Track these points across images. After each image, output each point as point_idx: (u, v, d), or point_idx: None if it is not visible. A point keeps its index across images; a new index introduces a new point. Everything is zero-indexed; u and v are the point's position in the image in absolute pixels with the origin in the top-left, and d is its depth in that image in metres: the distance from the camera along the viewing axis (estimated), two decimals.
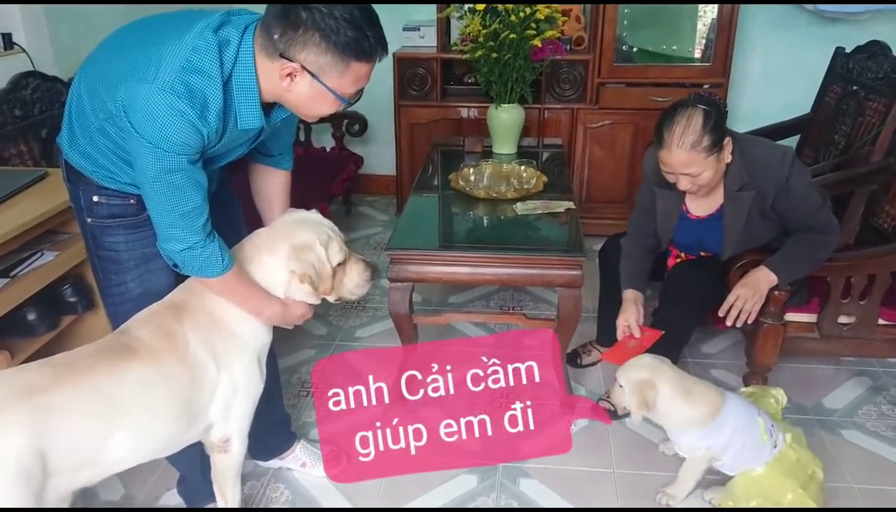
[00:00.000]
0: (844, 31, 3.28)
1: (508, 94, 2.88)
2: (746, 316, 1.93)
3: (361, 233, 3.69)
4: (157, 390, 1.36)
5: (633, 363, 1.79)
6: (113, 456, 1.31)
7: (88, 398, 1.26)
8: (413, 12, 3.64)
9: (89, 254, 1.57)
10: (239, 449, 1.57)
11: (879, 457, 2.05)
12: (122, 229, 1.48)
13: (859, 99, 2.68)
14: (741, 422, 1.73)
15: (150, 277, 1.54)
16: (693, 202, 2.06)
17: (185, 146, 1.27)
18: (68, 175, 1.49)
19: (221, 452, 1.57)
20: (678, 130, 1.80)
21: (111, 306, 1.59)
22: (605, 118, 3.41)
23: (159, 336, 1.40)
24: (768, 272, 1.91)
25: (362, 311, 2.88)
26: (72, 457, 1.24)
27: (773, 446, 1.73)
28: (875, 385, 2.39)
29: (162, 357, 1.37)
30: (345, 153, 3.80)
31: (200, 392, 1.44)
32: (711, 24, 3.27)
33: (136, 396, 1.33)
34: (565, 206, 2.36)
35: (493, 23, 2.74)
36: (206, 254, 1.38)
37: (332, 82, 1.29)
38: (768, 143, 2.01)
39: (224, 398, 1.48)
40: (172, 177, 1.28)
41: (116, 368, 1.31)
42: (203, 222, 1.37)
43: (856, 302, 2.03)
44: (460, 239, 2.36)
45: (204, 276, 1.42)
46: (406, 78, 3.51)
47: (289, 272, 1.49)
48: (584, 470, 2.00)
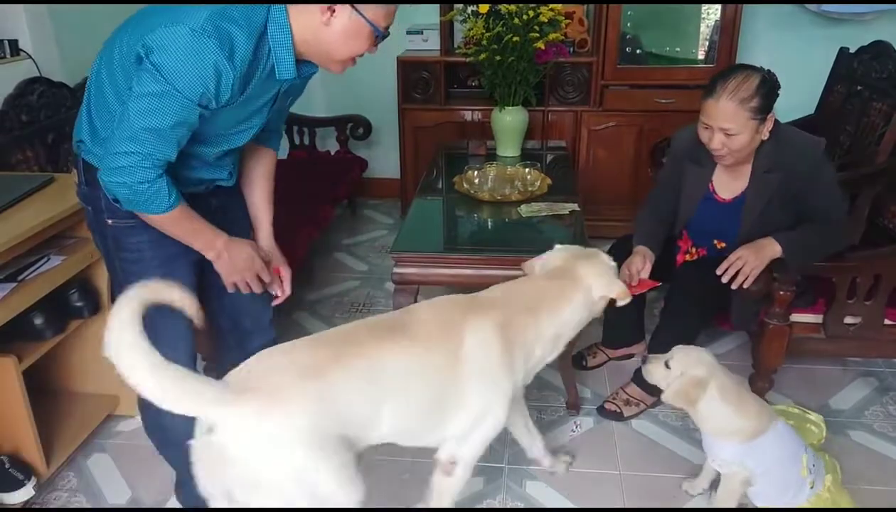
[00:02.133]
0: (848, 32, 3.28)
1: (512, 97, 2.89)
2: (743, 278, 1.89)
3: (366, 236, 3.69)
4: (419, 377, 1.38)
5: (693, 355, 1.69)
6: (376, 435, 1.36)
7: (360, 378, 1.31)
8: (416, 16, 3.65)
9: (109, 259, 1.56)
10: (462, 476, 1.56)
11: (887, 458, 2.05)
12: (144, 229, 1.46)
13: (864, 99, 2.68)
14: (786, 453, 1.66)
15: (175, 276, 1.48)
16: (720, 181, 2.05)
17: (200, 90, 1.26)
18: (86, 177, 1.47)
19: (445, 474, 1.55)
20: (733, 84, 1.82)
21: None
22: (608, 120, 3.41)
23: (439, 324, 1.43)
24: (774, 243, 1.90)
25: (367, 313, 2.88)
26: (346, 433, 1.30)
27: (810, 486, 1.65)
28: (882, 386, 2.38)
29: (432, 346, 1.40)
30: (349, 157, 3.82)
31: (453, 395, 1.43)
32: (715, 26, 3.27)
33: (398, 379, 1.36)
34: (569, 209, 2.37)
35: (496, 26, 2.74)
36: (153, 189, 1.33)
37: (369, 13, 1.34)
38: (803, 132, 2.02)
39: (470, 418, 1.46)
40: (162, 101, 1.26)
41: (385, 349, 1.36)
42: (165, 161, 1.33)
43: (861, 302, 2.02)
44: (465, 241, 2.36)
45: (150, 212, 1.37)
46: (410, 81, 3.52)
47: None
48: (590, 472, 2.00)
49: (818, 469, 1.69)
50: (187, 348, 1.60)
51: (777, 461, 1.65)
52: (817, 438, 1.85)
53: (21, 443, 1.86)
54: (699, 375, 1.65)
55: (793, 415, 1.90)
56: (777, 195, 1.94)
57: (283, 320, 2.83)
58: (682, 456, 2.05)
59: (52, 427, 2.02)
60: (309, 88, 1.69)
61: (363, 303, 2.97)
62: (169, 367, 1.13)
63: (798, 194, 1.93)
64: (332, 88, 3.95)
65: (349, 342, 1.36)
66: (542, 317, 1.53)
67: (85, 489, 1.97)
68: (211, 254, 1.50)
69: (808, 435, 1.83)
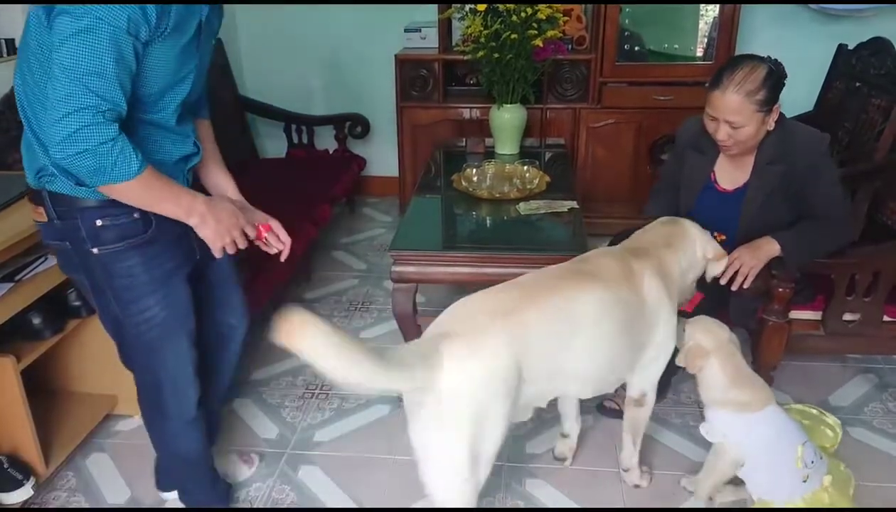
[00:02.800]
0: (847, 28, 3.28)
1: (510, 95, 2.88)
2: (742, 278, 1.89)
3: (365, 234, 3.69)
4: (610, 312, 1.53)
5: (706, 326, 1.75)
6: (567, 370, 1.51)
7: (552, 315, 1.45)
8: (414, 13, 3.65)
9: (99, 290, 1.49)
10: (652, 400, 1.79)
11: (887, 454, 2.05)
12: (135, 251, 1.42)
13: (863, 96, 2.67)
14: (778, 438, 1.68)
15: (172, 295, 1.50)
16: (722, 171, 2.05)
17: (125, 15, 1.18)
18: (56, 211, 1.39)
19: (638, 406, 1.79)
20: (739, 76, 1.81)
21: (135, 338, 1.53)
22: (607, 117, 3.41)
23: (618, 266, 1.60)
24: (773, 241, 1.90)
25: (366, 312, 2.88)
26: (538, 367, 1.43)
27: (803, 480, 1.66)
28: (881, 382, 2.38)
29: (619, 284, 1.57)
30: (347, 155, 3.81)
31: (641, 330, 1.62)
32: (713, 23, 3.26)
33: (592, 314, 1.50)
34: (568, 206, 2.36)
35: (494, 23, 2.74)
36: (117, 148, 1.23)
37: None
38: (808, 126, 2.02)
39: (653, 350, 1.67)
40: (90, 36, 1.16)
41: (578, 289, 1.51)
42: (117, 113, 1.24)
43: (861, 299, 2.02)
44: (463, 239, 2.36)
45: (121, 177, 1.25)
46: (408, 79, 3.51)
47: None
48: (591, 470, 2.00)
49: (818, 467, 1.69)
50: (194, 368, 1.62)
51: (766, 444, 1.68)
52: (831, 443, 1.84)
53: (20, 443, 1.85)
54: (705, 345, 1.72)
55: (810, 415, 1.90)
56: (779, 188, 1.94)
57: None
58: (681, 453, 2.05)
59: (50, 427, 2.02)
60: (307, 87, 1.69)
61: (362, 301, 2.97)
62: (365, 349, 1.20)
63: (800, 188, 1.92)
64: (330, 87, 3.95)
65: (542, 285, 1.51)
66: (678, 252, 1.73)
67: (84, 489, 1.96)
68: (194, 218, 1.40)
69: (821, 437, 1.83)
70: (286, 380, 2.44)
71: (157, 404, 1.65)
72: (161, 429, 1.71)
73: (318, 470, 2.02)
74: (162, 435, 1.73)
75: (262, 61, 3.95)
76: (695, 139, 2.06)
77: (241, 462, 2.00)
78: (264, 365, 2.52)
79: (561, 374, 1.52)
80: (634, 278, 1.60)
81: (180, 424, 1.67)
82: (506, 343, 1.37)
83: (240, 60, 3.92)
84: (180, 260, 1.51)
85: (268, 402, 2.32)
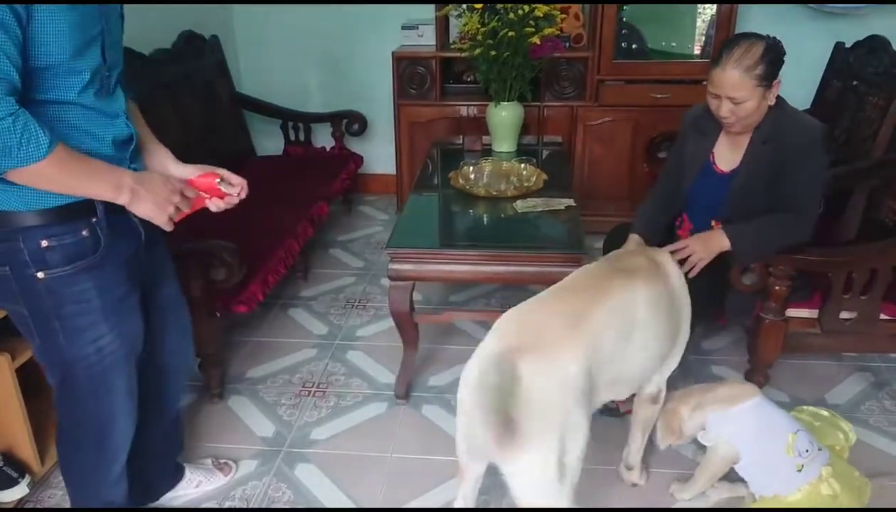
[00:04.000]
0: (844, 26, 3.28)
1: (508, 92, 2.88)
2: (690, 267, 1.90)
3: (362, 232, 3.68)
4: (657, 307, 1.57)
5: (676, 401, 1.80)
6: (627, 370, 1.52)
7: (613, 315, 1.47)
8: (411, 11, 3.64)
9: (43, 321, 1.32)
10: (664, 396, 1.79)
11: (883, 452, 2.05)
12: (85, 273, 1.29)
13: (859, 94, 2.68)
14: (766, 425, 1.71)
15: (125, 322, 1.40)
16: (720, 152, 2.05)
17: None
18: None
19: (654, 403, 1.79)
20: (738, 52, 1.83)
21: (86, 369, 1.38)
22: (604, 115, 3.41)
23: (648, 262, 1.65)
24: (723, 235, 1.91)
25: (363, 310, 2.87)
26: (606, 371, 1.44)
27: (797, 469, 1.66)
28: (877, 381, 2.38)
29: (656, 279, 1.61)
30: (344, 153, 3.81)
31: (677, 320, 1.66)
32: (711, 21, 3.26)
33: (644, 312, 1.53)
34: (565, 204, 2.36)
35: (491, 21, 2.73)
36: (20, 124, 1.10)
37: None
38: (807, 114, 2.03)
39: (678, 344, 1.69)
40: None
41: (628, 287, 1.53)
42: (12, 87, 1.11)
43: (857, 297, 2.02)
44: (461, 237, 2.35)
45: (32, 158, 1.12)
46: (405, 77, 3.50)
47: None
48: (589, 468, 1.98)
49: (814, 456, 1.68)
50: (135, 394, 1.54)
51: (755, 432, 1.70)
52: (840, 445, 1.84)
53: (15, 441, 1.85)
54: (668, 407, 1.78)
55: (822, 417, 1.89)
56: (768, 168, 1.94)
57: (279, 316, 2.82)
58: (677, 452, 2.05)
59: (45, 425, 2.01)
60: (304, 84, 1.68)
61: (359, 299, 2.97)
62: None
63: (782, 172, 1.92)
64: (327, 84, 3.94)
65: (595, 287, 1.52)
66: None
67: None
68: (124, 196, 1.27)
69: (830, 438, 1.82)
70: (282, 378, 2.43)
71: (100, 447, 1.49)
72: (98, 476, 1.55)
73: (315, 468, 2.02)
74: (98, 485, 1.56)
75: (258, 58, 3.94)
76: (698, 121, 2.07)
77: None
78: (260, 363, 2.51)
79: (620, 375, 1.52)
80: (662, 274, 1.67)
81: (118, 468, 1.56)
82: (583, 353, 1.37)
83: (236, 57, 3.91)
84: (132, 284, 1.42)
85: (264, 400, 2.32)
